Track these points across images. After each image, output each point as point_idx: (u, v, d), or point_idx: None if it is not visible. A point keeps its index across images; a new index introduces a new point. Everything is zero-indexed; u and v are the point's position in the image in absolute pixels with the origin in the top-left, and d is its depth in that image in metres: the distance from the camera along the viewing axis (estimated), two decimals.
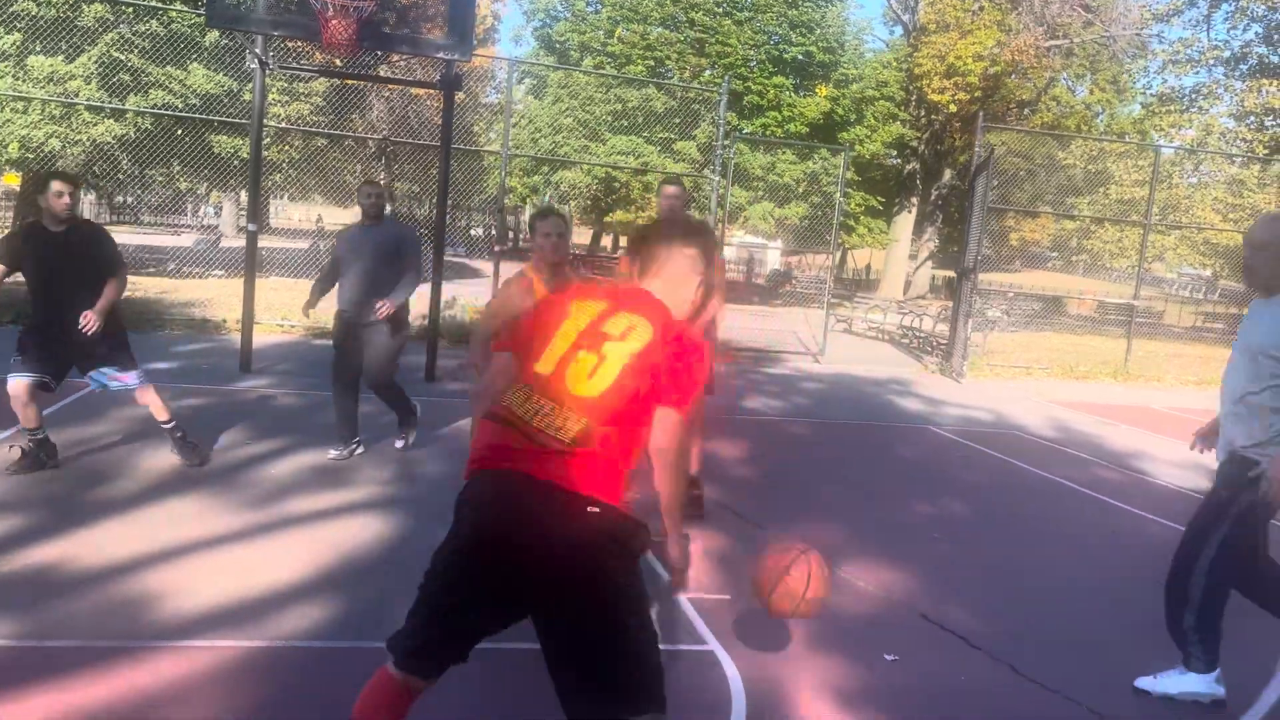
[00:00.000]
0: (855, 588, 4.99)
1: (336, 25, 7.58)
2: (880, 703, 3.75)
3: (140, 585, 4.21)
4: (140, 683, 3.37)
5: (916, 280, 40.16)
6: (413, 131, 26.95)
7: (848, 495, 6.94)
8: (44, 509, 5.07)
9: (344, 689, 3.51)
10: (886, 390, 12.42)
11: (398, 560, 4.81)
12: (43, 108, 16.39)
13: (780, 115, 27.15)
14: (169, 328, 12.10)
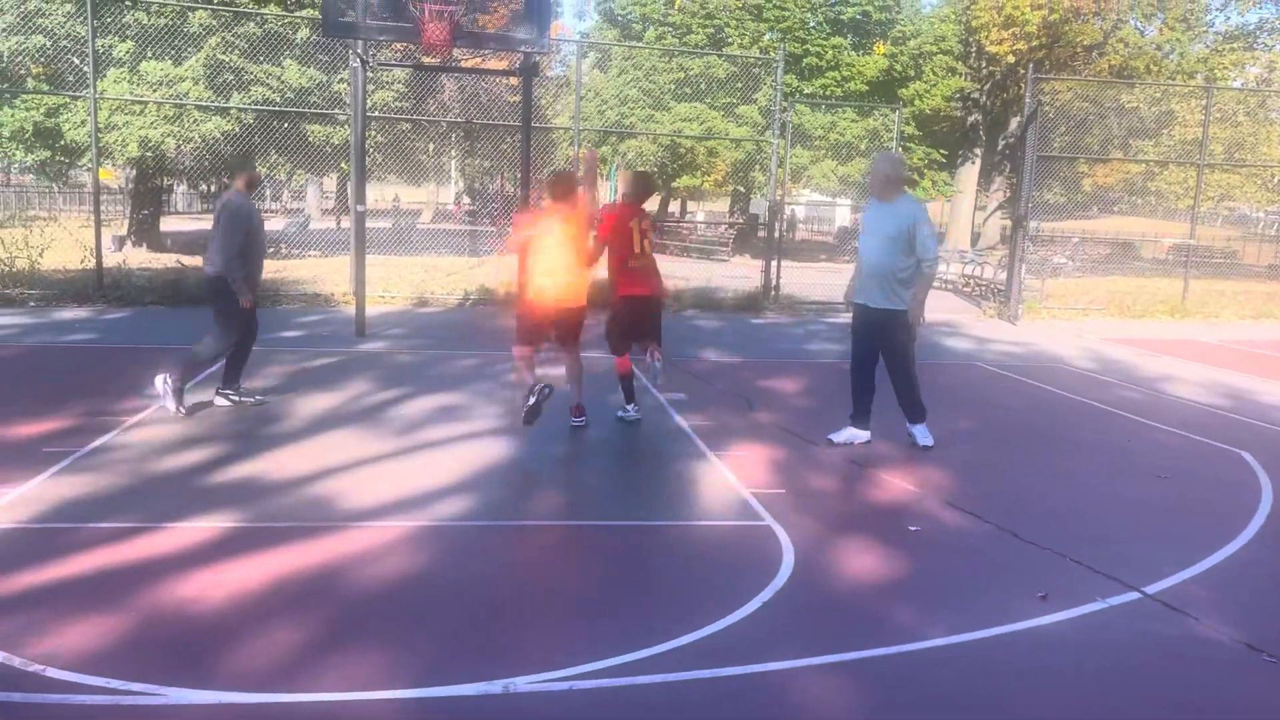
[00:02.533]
0: (890, 484, 6.05)
1: (433, 29, 8.73)
2: (901, 561, 4.81)
3: (324, 487, 5.47)
4: (339, 551, 4.59)
5: (986, 230, 40.30)
6: (483, 109, 28.19)
7: (888, 418, 7.92)
8: (237, 440, 6.39)
9: (486, 556, 4.75)
10: (941, 334, 13.29)
11: (519, 464, 6.02)
12: (157, 109, 17.97)
13: (839, 75, 27.73)
14: (285, 303, 13.51)
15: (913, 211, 6.54)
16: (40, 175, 30.13)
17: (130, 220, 23.19)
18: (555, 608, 4.10)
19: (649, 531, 5.07)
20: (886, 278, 6.54)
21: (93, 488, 5.28)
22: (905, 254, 6.48)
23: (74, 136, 18.56)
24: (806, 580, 4.44)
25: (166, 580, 4.10)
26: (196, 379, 7.47)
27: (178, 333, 10.75)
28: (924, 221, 6.51)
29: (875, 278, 6.60)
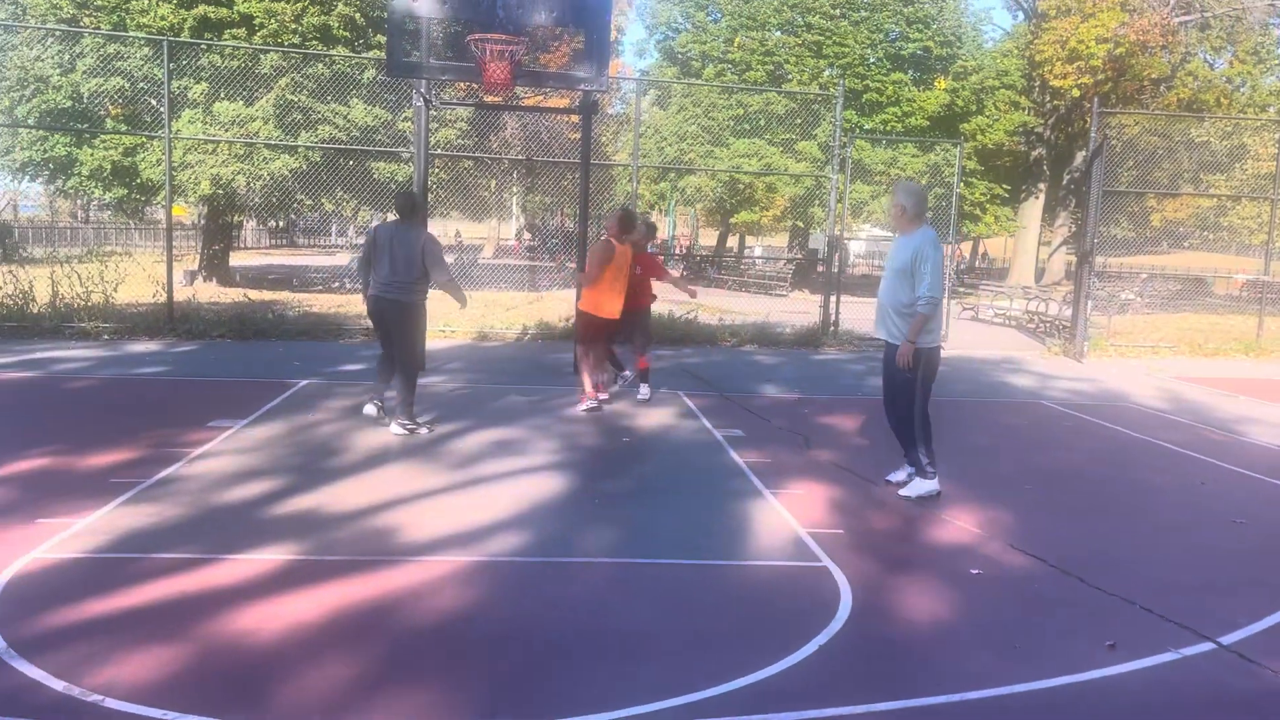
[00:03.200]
0: (952, 525, 5.92)
1: (495, 68, 8.87)
2: (961, 605, 4.68)
3: (380, 521, 5.51)
4: (394, 585, 4.60)
5: (1051, 266, 39.68)
6: (544, 145, 28.55)
7: (953, 457, 7.78)
8: (297, 472, 6.47)
9: (538, 591, 4.72)
10: (1004, 371, 13.06)
11: (574, 500, 6.01)
12: (228, 148, 18.49)
13: (900, 110, 27.60)
14: (347, 337, 13.73)
15: (920, 244, 6.29)
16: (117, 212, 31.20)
17: (201, 255, 23.82)
18: (608, 647, 4.06)
19: (703, 571, 5.01)
20: (891, 311, 6.45)
21: (157, 518, 5.37)
22: (911, 288, 6.31)
23: (150, 175, 19.16)
24: (864, 624, 4.35)
25: (225, 612, 4.15)
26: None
27: (244, 365, 10.99)
28: (929, 257, 6.23)
29: (881, 310, 6.57)
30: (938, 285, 6.24)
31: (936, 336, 6.51)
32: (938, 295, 6.27)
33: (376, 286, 7.70)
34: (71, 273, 13.75)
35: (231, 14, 19.07)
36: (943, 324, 6.52)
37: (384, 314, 7.75)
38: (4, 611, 4.05)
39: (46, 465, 6.39)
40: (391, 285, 7.61)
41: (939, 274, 6.25)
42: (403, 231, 7.63)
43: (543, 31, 25.78)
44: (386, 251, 7.59)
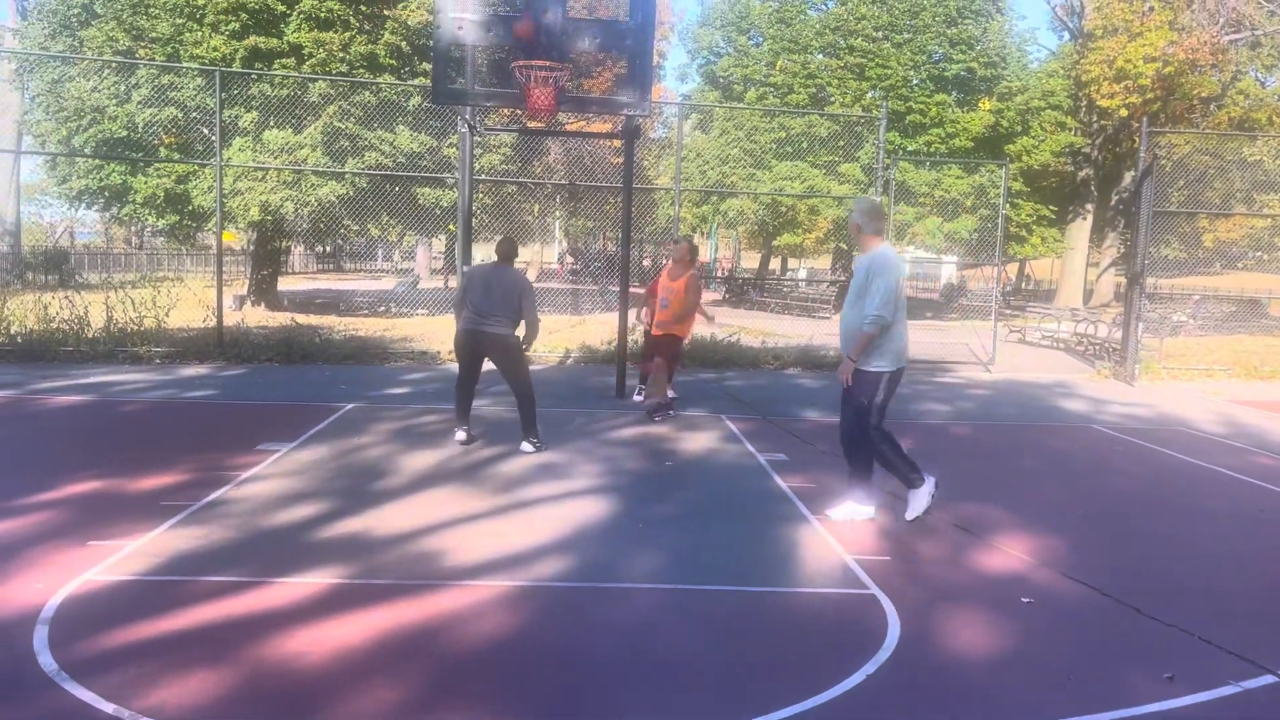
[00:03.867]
0: (1003, 552, 5.81)
1: (538, 94, 8.95)
2: (1013, 635, 4.59)
3: (425, 544, 5.52)
4: (439, 609, 4.60)
5: (1099, 287, 39.13)
6: (587, 170, 28.74)
7: (1002, 482, 7.67)
8: (344, 495, 6.51)
9: (582, 616, 4.70)
10: (1054, 394, 12.86)
11: (617, 525, 5.99)
12: (277, 175, 18.83)
13: (943, 132, 27.42)
14: (394, 360, 13.86)
15: (870, 262, 6.05)
16: (170, 238, 31.86)
17: (250, 280, 24.23)
18: (651, 674, 4.02)
19: (747, 598, 4.96)
20: (846, 332, 6.23)
21: (206, 541, 5.43)
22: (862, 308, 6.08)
23: (201, 202, 19.56)
24: (912, 653, 4.27)
25: (272, 635, 4.17)
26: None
27: (291, 388, 11.13)
28: (879, 274, 5.96)
29: (842, 332, 6.34)
30: (887, 305, 5.93)
31: (892, 360, 6.14)
32: (885, 316, 5.94)
33: (471, 320, 8.06)
34: (125, 298, 14.05)
35: (281, 44, 19.48)
36: (905, 348, 6.22)
37: (479, 346, 8.13)
38: (57, 634, 4.10)
39: (99, 488, 6.50)
40: (489, 319, 8.01)
41: (889, 294, 5.96)
42: (501, 272, 8.10)
43: (586, 57, 26.03)
44: (482, 289, 8.03)
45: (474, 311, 8.04)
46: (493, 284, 8.03)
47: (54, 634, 4.10)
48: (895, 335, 6.10)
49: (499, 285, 8.02)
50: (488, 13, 9.50)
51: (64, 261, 33.99)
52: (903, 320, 6.17)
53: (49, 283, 29.05)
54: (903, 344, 6.20)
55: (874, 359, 6.10)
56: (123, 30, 19.53)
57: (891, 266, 6.03)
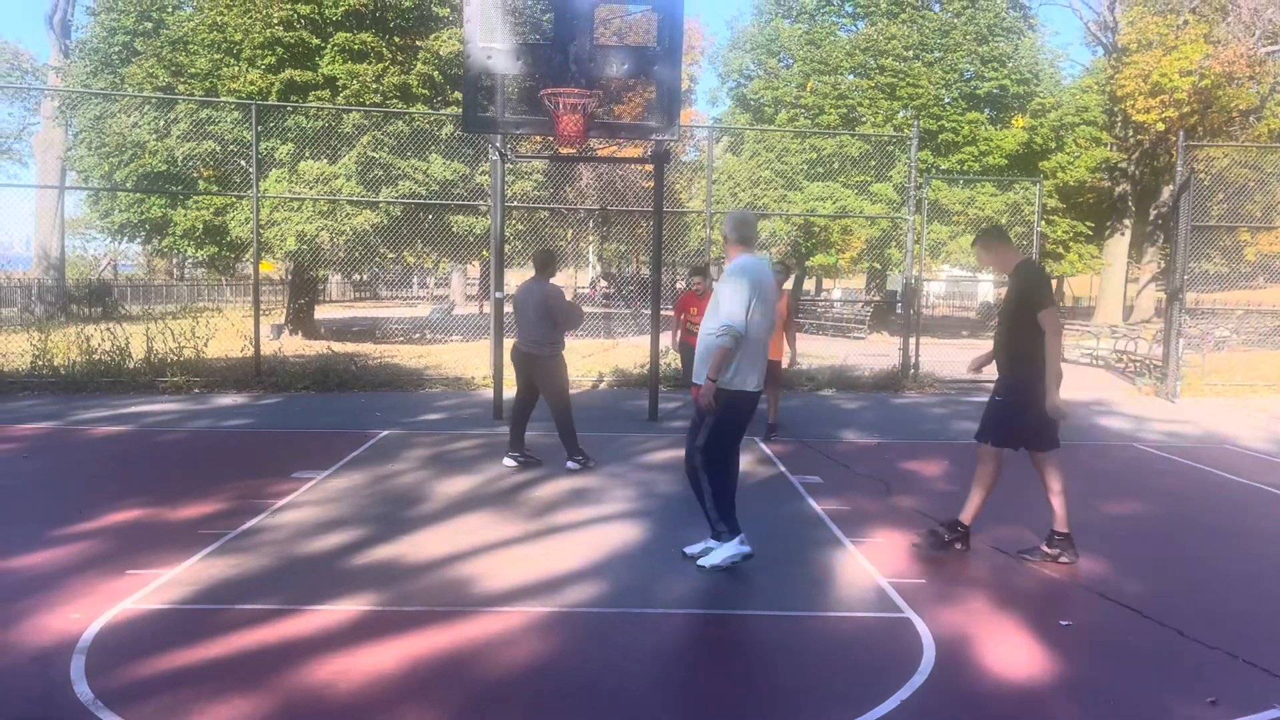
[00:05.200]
0: (1040, 574, 5.72)
1: (567, 121, 9.01)
2: (1051, 659, 4.50)
3: (457, 571, 5.53)
4: (470, 635, 4.60)
5: (1139, 303, 38.61)
6: (619, 195, 28.87)
7: (1042, 503, 7.53)
8: (377, 522, 6.54)
9: (615, 643, 4.68)
10: (1093, 412, 12.66)
11: (650, 550, 5.96)
12: (313, 205, 19.09)
13: (976, 150, 27.26)
14: (428, 386, 13.94)
15: (726, 272, 5.64)
16: (210, 269, 32.39)
17: (287, 310, 24.53)
18: (684, 700, 3.99)
19: (780, 622, 4.91)
20: (702, 352, 5.65)
21: (241, 569, 5.47)
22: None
23: (239, 233, 19.87)
24: (948, 678, 4.20)
25: (304, 663, 4.19)
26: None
27: (326, 416, 11.22)
28: (726, 283, 5.53)
29: (697, 353, 5.75)
30: (736, 315, 5.41)
31: (746, 380, 5.57)
32: (735, 326, 5.40)
33: (518, 339, 8.28)
34: (164, 329, 14.26)
35: (316, 77, 19.81)
36: (756, 368, 5.63)
37: (522, 365, 8.27)
38: (93, 663, 4.14)
39: (138, 517, 6.58)
40: (525, 339, 8.18)
41: (737, 303, 5.43)
42: (532, 288, 8.19)
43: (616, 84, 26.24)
44: (519, 308, 8.20)
45: (518, 332, 8.27)
46: (527, 301, 8.15)
47: (91, 663, 4.14)
48: (751, 353, 5.56)
49: (531, 302, 8.12)
50: (517, 42, 9.59)
51: (107, 294, 34.60)
52: (760, 341, 5.60)
53: (92, 315, 29.60)
54: (758, 366, 5.60)
55: (735, 376, 5.53)
56: (162, 67, 19.97)
57: (745, 274, 5.51)
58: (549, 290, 8.16)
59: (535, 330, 8.12)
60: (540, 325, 8.10)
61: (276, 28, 19.57)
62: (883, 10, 29.83)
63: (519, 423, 8.47)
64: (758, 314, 5.53)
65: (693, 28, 53.24)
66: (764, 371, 5.71)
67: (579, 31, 9.17)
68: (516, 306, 8.30)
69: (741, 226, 5.78)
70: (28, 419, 10.65)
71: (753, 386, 5.60)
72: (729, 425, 5.66)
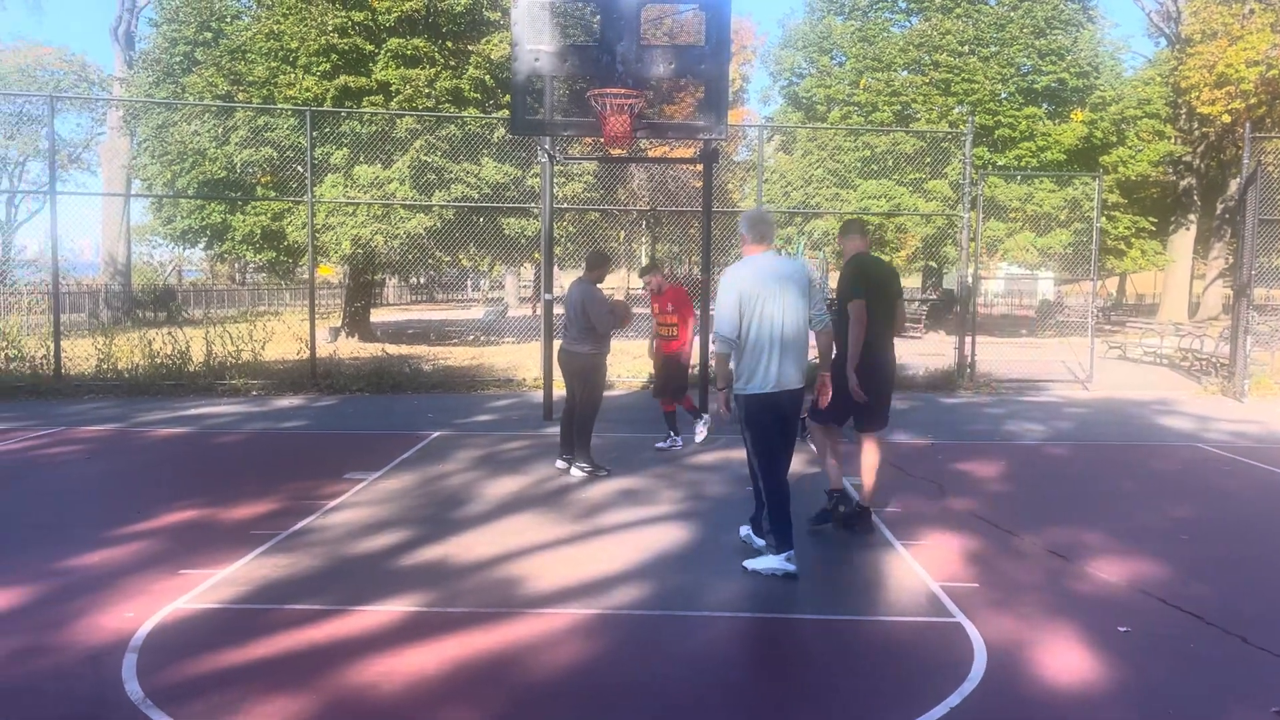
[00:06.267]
0: (1097, 578, 5.56)
1: (614, 122, 9.00)
2: (1108, 666, 4.37)
3: (503, 572, 5.54)
4: (515, 637, 4.59)
5: (1206, 300, 37.59)
6: (671, 195, 28.82)
7: (1100, 505, 7.36)
8: (424, 523, 6.58)
9: (660, 645, 4.64)
10: (1155, 412, 12.35)
11: (695, 553, 5.91)
12: (367, 209, 19.33)
13: (1034, 145, 26.74)
14: (481, 388, 14.04)
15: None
16: (270, 274, 32.98)
17: (344, 313, 24.88)
18: (731, 704, 3.94)
19: (828, 626, 4.84)
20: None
21: (291, 569, 5.53)
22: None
23: (296, 238, 20.19)
24: (1000, 685, 4.10)
25: (351, 664, 4.21)
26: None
27: (380, 418, 11.34)
28: (720, 290, 5.53)
29: None
30: (722, 321, 5.47)
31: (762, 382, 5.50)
32: (720, 333, 5.47)
33: (562, 339, 8.41)
34: (224, 333, 14.54)
35: (370, 82, 20.06)
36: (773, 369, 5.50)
37: (562, 365, 8.33)
38: (145, 662, 4.21)
39: (193, 517, 6.69)
40: (567, 338, 8.28)
41: (723, 308, 5.47)
42: (575, 288, 8.25)
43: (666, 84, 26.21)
44: (566, 307, 8.34)
45: (563, 332, 8.37)
46: (569, 302, 8.23)
47: (142, 662, 4.21)
48: (758, 354, 5.49)
49: (570, 301, 8.19)
50: (564, 43, 9.61)
51: (171, 299, 35.41)
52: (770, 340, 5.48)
53: (157, 319, 30.31)
54: (771, 365, 5.49)
55: (745, 380, 5.55)
56: (221, 76, 20.36)
57: (732, 279, 5.50)
58: (586, 291, 8.16)
59: (574, 329, 8.17)
60: (577, 325, 8.13)
61: (331, 35, 19.85)
62: (937, 5, 29.37)
63: (569, 425, 8.45)
64: (764, 314, 5.47)
65: (744, 27, 53.05)
66: (788, 369, 5.52)
67: (626, 32, 9.15)
68: (565, 306, 8.41)
69: (755, 225, 5.70)
70: (92, 421, 10.91)
71: (771, 387, 5.49)
72: (755, 428, 5.61)
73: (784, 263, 5.71)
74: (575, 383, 8.28)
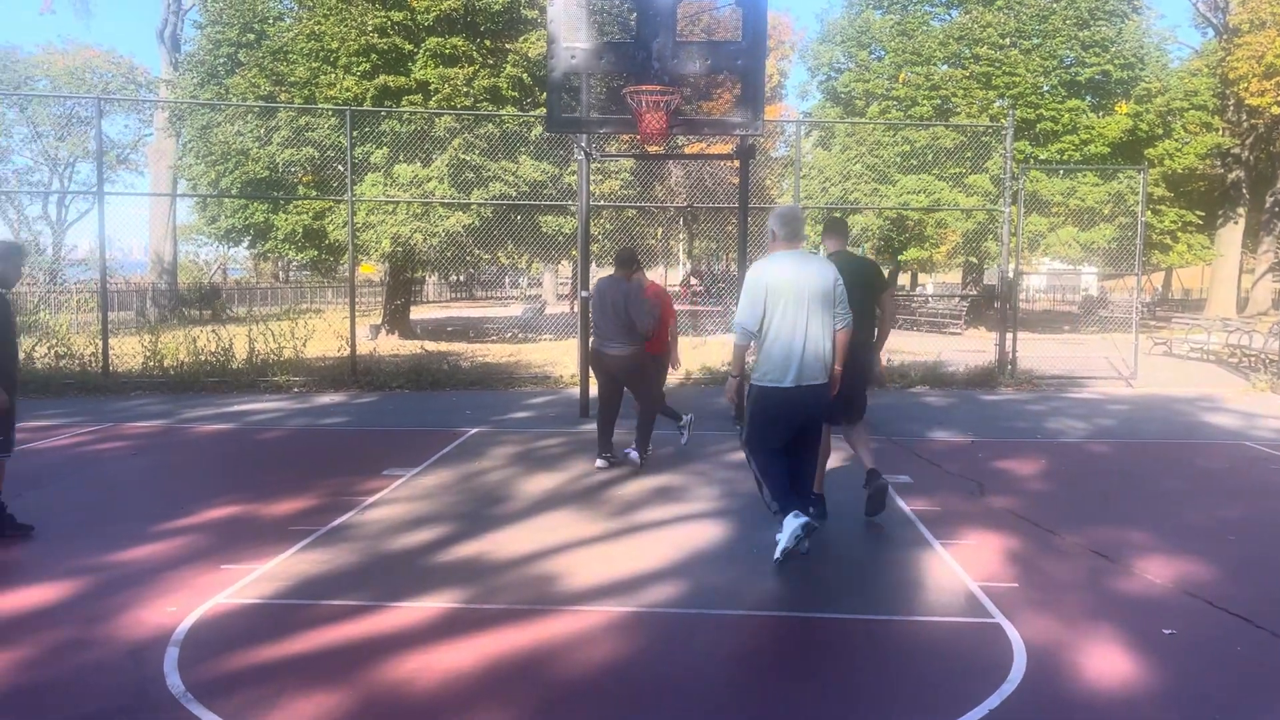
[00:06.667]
0: (1141, 579, 5.47)
1: (650, 119, 9.00)
2: (1152, 669, 4.29)
3: (539, 569, 5.55)
4: (550, 634, 4.60)
5: (1255, 295, 36.87)
6: (708, 192, 28.75)
7: (1145, 504, 7.23)
8: (461, 519, 6.62)
9: (695, 644, 4.63)
10: (1201, 409, 12.12)
11: (731, 551, 5.90)
12: (407, 208, 19.48)
13: (1077, 139, 26.34)
14: (518, 385, 14.09)
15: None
16: (312, 272, 33.36)
17: (384, 310, 25.10)
18: (765, 704, 3.92)
19: (864, 626, 4.80)
20: None
21: (329, 565, 5.59)
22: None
23: (337, 236, 20.40)
24: (1040, 688, 4.04)
25: (386, 659, 4.25)
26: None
27: (418, 414, 11.43)
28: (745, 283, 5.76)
29: None
30: (741, 315, 5.68)
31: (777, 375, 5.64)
32: (739, 324, 5.71)
33: (595, 342, 8.21)
34: (266, 330, 14.73)
35: (409, 82, 20.20)
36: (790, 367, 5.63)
37: (607, 368, 8.18)
38: (186, 656, 4.27)
39: (235, 513, 6.78)
40: (607, 340, 8.08)
41: (744, 302, 5.69)
42: (614, 286, 8.08)
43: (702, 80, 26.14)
44: (598, 308, 8.13)
45: (595, 333, 8.19)
46: (606, 300, 8.05)
47: (183, 655, 4.27)
48: (780, 349, 5.62)
49: (611, 301, 8.02)
50: (600, 41, 9.62)
51: (215, 297, 35.92)
52: (789, 333, 5.60)
53: (202, 317, 30.77)
54: (786, 359, 5.61)
55: (764, 372, 5.71)
56: (264, 76, 20.61)
57: (759, 274, 5.66)
58: (630, 291, 8.03)
59: (612, 329, 8.02)
60: (616, 324, 7.99)
61: (371, 35, 20.02)
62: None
63: (608, 425, 8.39)
64: (789, 310, 5.58)
65: (783, 22, 52.82)
66: (811, 365, 5.62)
67: (662, 28, 9.14)
68: (595, 305, 8.22)
69: (787, 223, 5.79)
70: (138, 417, 11.09)
71: (789, 383, 5.62)
72: (756, 416, 5.80)
73: (812, 260, 5.79)
74: (626, 383, 8.22)
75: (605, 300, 8.06)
